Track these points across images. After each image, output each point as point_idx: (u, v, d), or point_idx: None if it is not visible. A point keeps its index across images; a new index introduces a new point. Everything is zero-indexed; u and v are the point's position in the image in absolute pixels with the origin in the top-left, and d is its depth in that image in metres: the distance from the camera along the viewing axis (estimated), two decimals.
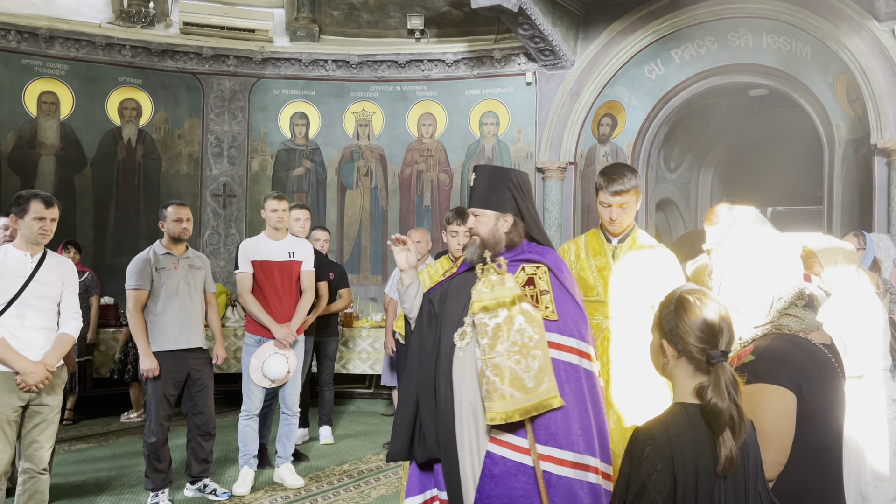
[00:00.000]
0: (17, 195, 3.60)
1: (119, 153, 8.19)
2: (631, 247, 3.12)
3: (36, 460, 3.62)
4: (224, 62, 8.46)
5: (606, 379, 3.03)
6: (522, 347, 2.51)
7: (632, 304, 3.04)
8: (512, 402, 2.47)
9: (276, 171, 8.71)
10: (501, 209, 2.70)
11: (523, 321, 2.54)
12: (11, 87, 7.68)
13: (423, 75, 8.60)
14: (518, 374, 2.50)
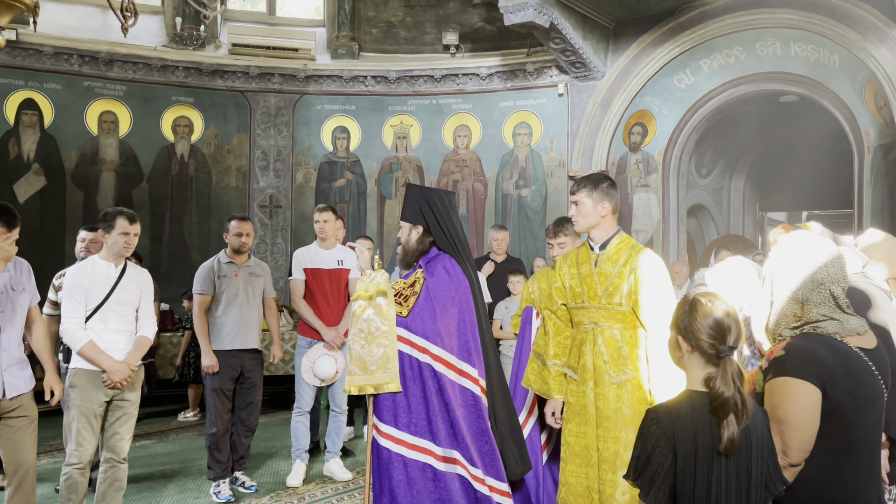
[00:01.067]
0: (105, 212, 3.98)
1: (173, 168, 8.70)
2: (611, 253, 3.15)
3: (117, 450, 3.99)
4: (269, 80, 8.91)
5: (583, 380, 3.09)
6: (368, 335, 3.04)
7: (612, 309, 3.08)
8: (354, 377, 3.05)
9: (319, 183, 9.13)
10: (413, 221, 3.28)
11: (373, 313, 3.06)
12: (75, 108, 8.23)
13: (458, 89, 8.94)
14: (362, 357, 3.04)
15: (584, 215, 3.16)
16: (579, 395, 3.14)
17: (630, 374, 3.02)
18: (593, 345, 3.10)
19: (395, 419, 3.07)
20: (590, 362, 3.09)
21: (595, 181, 3.15)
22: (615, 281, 3.07)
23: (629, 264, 3.07)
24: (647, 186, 8.25)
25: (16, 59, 7.88)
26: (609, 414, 3.03)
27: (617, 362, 3.04)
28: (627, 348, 3.05)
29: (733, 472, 1.87)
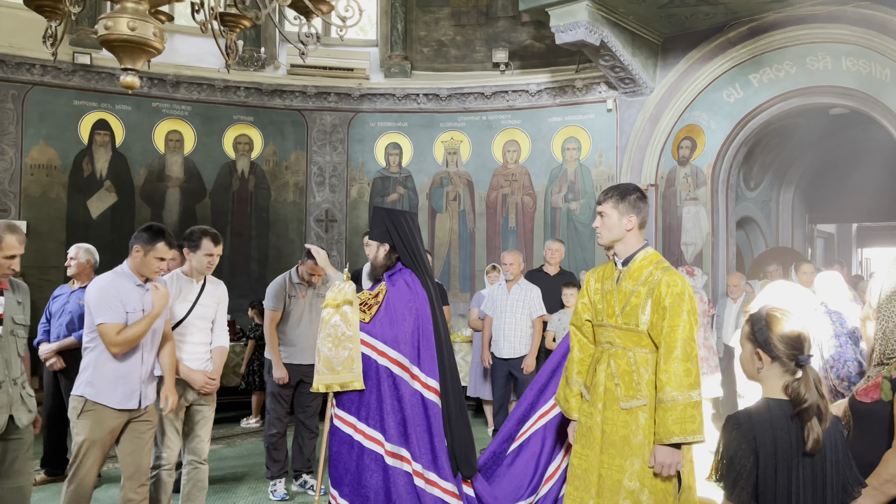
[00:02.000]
0: (190, 231, 4.21)
1: (234, 184, 9.08)
2: (633, 270, 2.99)
3: (198, 452, 4.26)
4: (325, 99, 9.25)
5: (593, 401, 3.00)
6: (335, 339, 3.44)
7: (628, 330, 2.94)
8: (322, 376, 3.45)
9: (372, 198, 9.42)
10: (381, 240, 3.68)
11: (339, 319, 3.46)
12: (143, 128, 8.67)
13: (507, 105, 9.15)
14: (329, 358, 3.44)
15: (609, 228, 3.00)
16: (587, 415, 3.03)
17: (642, 400, 2.85)
18: (607, 366, 2.96)
19: (358, 412, 3.50)
20: (601, 383, 2.96)
21: (623, 192, 3.00)
22: (633, 300, 2.91)
23: (648, 284, 2.88)
24: (696, 200, 8.33)
25: (90, 83, 8.35)
26: (615, 440, 2.89)
27: (629, 386, 2.88)
28: (642, 373, 2.88)
29: (809, 473, 2.02)
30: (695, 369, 2.77)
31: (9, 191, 7.97)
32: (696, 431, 2.74)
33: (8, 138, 7.99)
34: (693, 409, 2.74)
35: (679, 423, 2.73)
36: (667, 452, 2.78)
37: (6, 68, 7.92)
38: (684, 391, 2.75)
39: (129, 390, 3.58)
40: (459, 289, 9.31)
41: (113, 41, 2.51)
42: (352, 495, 3.45)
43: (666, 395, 2.77)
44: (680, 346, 2.77)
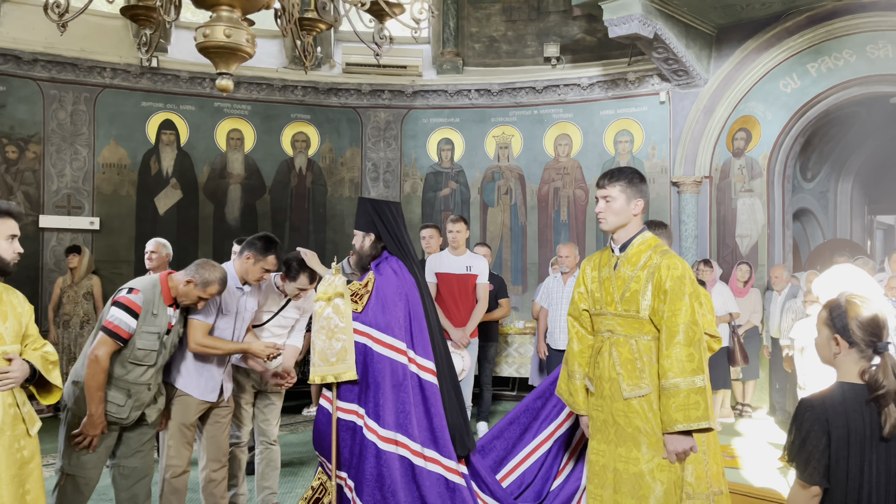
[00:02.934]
0: (289, 261, 4.14)
1: (292, 180, 9.36)
2: (630, 255, 2.89)
3: (268, 434, 4.49)
4: (380, 96, 9.46)
5: (600, 394, 2.92)
6: (329, 331, 3.48)
7: (629, 317, 2.84)
8: (317, 368, 3.50)
9: (425, 193, 9.59)
10: (366, 230, 3.70)
11: (331, 312, 3.49)
12: (206, 127, 9.01)
13: (559, 99, 9.21)
14: (323, 350, 3.49)
15: (616, 212, 2.88)
16: (599, 409, 2.93)
17: (645, 389, 2.77)
18: (608, 355, 2.87)
19: (358, 399, 3.58)
20: (605, 374, 2.88)
21: (630, 175, 2.90)
22: (632, 286, 2.81)
23: (648, 268, 2.80)
24: (752, 191, 8.27)
25: (156, 84, 8.72)
26: (630, 432, 2.80)
27: (631, 375, 2.80)
28: (645, 361, 2.79)
29: (883, 457, 2.07)
30: (698, 354, 2.68)
31: (83, 189, 8.39)
32: (701, 418, 2.66)
33: (81, 139, 8.40)
34: (697, 395, 2.65)
35: (682, 409, 2.65)
36: (676, 440, 2.71)
37: (78, 72, 8.33)
38: (687, 377, 2.67)
39: (212, 384, 3.81)
40: (511, 282, 9.41)
41: (210, 48, 2.70)
42: (355, 478, 3.55)
43: (668, 382, 2.69)
44: (682, 330, 2.69)
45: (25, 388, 2.79)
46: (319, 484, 3.66)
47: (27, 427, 2.73)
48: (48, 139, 8.23)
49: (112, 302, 3.38)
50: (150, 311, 3.38)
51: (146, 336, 3.37)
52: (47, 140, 8.23)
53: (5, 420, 2.63)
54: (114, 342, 3.28)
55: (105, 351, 3.26)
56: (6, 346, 2.68)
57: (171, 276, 3.51)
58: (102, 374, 3.25)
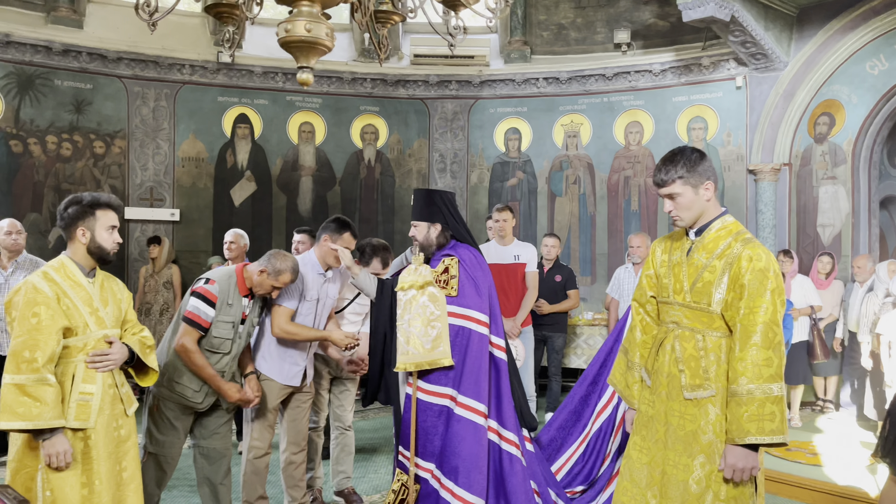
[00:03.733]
0: (363, 247, 4.31)
1: (361, 172, 9.51)
2: (707, 241, 2.60)
3: (343, 419, 4.60)
4: (447, 87, 9.49)
5: (655, 388, 2.71)
6: (424, 319, 3.49)
7: (698, 309, 2.59)
8: (410, 357, 3.48)
9: (492, 183, 9.58)
10: (431, 220, 3.70)
11: (427, 300, 3.50)
12: (279, 121, 9.24)
13: (630, 86, 9.03)
14: (419, 338, 3.48)
15: (687, 208, 2.58)
16: (650, 404, 2.71)
17: (709, 390, 2.51)
18: (671, 349, 2.62)
19: (452, 382, 3.50)
20: (664, 369, 2.64)
21: (688, 162, 2.57)
22: (705, 275, 2.54)
23: (726, 257, 2.51)
24: (835, 178, 7.92)
25: (232, 80, 8.99)
26: (682, 436, 2.56)
27: (694, 374, 2.54)
28: (711, 359, 2.53)
29: None
30: (777, 359, 2.40)
31: (164, 182, 8.75)
32: (776, 431, 2.36)
33: (162, 134, 8.75)
34: (773, 405, 2.37)
35: (756, 420, 2.37)
36: (739, 454, 2.41)
37: (159, 69, 8.67)
38: (762, 383, 2.38)
39: (295, 370, 3.93)
40: (580, 273, 9.32)
41: (291, 42, 2.77)
42: (451, 464, 3.47)
43: (740, 388, 2.40)
44: (760, 330, 2.40)
45: (124, 370, 2.95)
46: (401, 485, 3.59)
47: (125, 407, 2.89)
48: (132, 134, 8.61)
49: (191, 292, 3.54)
50: (226, 301, 3.52)
51: (222, 325, 3.51)
52: (131, 135, 8.61)
53: (105, 399, 2.78)
54: (195, 331, 3.44)
55: (189, 339, 3.43)
56: (107, 330, 2.83)
57: (246, 267, 3.66)
58: (198, 356, 3.43)
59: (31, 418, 2.55)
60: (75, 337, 2.73)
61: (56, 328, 2.65)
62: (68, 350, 2.71)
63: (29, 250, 8.01)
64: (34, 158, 8.09)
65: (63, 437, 2.64)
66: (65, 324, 2.68)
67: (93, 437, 2.74)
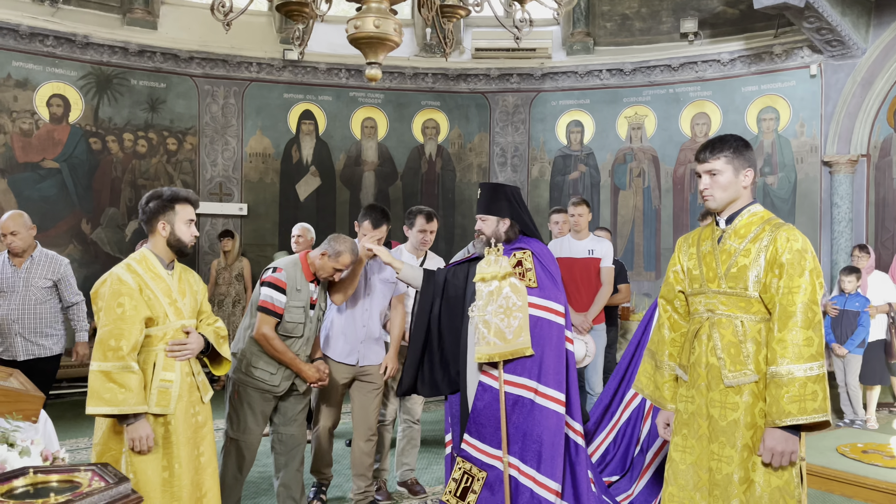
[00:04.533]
0: (409, 210, 4.60)
1: (422, 166, 9.57)
2: (739, 227, 2.58)
3: (412, 412, 4.65)
4: (508, 80, 9.45)
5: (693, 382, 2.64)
6: (506, 310, 3.46)
7: (734, 294, 2.54)
8: (494, 347, 3.45)
9: (553, 177, 9.50)
10: (500, 214, 3.67)
11: (509, 291, 3.48)
12: (342, 116, 9.39)
13: (696, 76, 8.80)
14: (501, 329, 3.46)
15: (724, 187, 2.56)
16: (688, 400, 2.63)
17: (750, 376, 2.46)
18: (708, 338, 2.56)
19: (531, 373, 3.50)
20: (703, 360, 2.57)
21: (735, 144, 2.58)
22: (739, 259, 2.52)
23: (760, 240, 2.50)
24: None
25: (297, 77, 9.18)
26: (724, 426, 2.49)
27: (735, 360, 2.49)
28: (751, 345, 2.48)
29: None
30: (817, 338, 2.37)
31: (232, 177, 9.01)
32: (819, 410, 2.32)
33: (231, 130, 9.01)
34: (815, 384, 2.33)
35: (798, 400, 2.32)
36: (779, 437, 2.37)
37: (228, 67, 8.92)
38: (803, 363, 2.35)
39: (349, 347, 4.07)
40: (644, 267, 9.16)
41: (360, 38, 2.81)
42: (534, 454, 3.51)
43: (781, 368, 2.36)
44: (800, 310, 2.37)
45: (199, 359, 3.06)
46: (462, 473, 3.62)
47: (201, 394, 3.00)
48: (202, 131, 8.90)
49: (261, 283, 3.67)
50: (295, 287, 3.66)
51: (293, 310, 3.64)
52: (202, 132, 8.89)
53: (183, 387, 2.90)
54: (271, 318, 3.58)
55: (268, 327, 3.56)
56: (184, 321, 2.95)
57: (308, 254, 3.79)
58: (277, 342, 3.59)
59: (117, 404, 2.68)
60: (156, 327, 2.85)
61: (139, 318, 2.77)
62: (149, 339, 2.83)
63: (106, 244, 8.41)
64: (112, 155, 8.45)
65: (145, 422, 2.76)
66: (147, 314, 2.80)
67: (172, 422, 2.86)
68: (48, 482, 1.17)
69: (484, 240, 3.68)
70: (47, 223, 8.01)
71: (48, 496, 1.07)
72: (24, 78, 7.91)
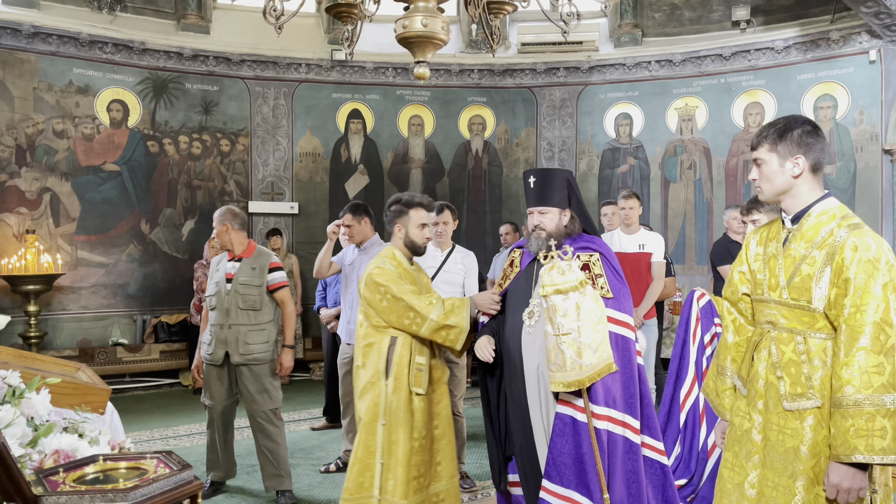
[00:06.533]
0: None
1: (469, 163, 9.59)
2: (806, 228, 2.26)
3: (454, 406, 4.69)
4: (555, 74, 9.39)
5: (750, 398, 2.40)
6: (591, 324, 2.89)
7: (796, 307, 2.26)
8: (581, 371, 2.85)
9: (602, 170, 9.40)
10: (562, 205, 3.14)
11: (591, 302, 2.91)
12: (389, 115, 9.47)
13: (749, 65, 8.59)
14: (587, 347, 2.87)
15: (768, 178, 2.29)
16: (743, 416, 2.38)
17: (814, 400, 2.19)
18: (767, 353, 2.30)
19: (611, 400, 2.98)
20: (761, 376, 2.32)
21: (783, 128, 2.26)
22: (803, 268, 2.21)
23: (827, 247, 2.17)
24: None
25: (345, 76, 9.30)
26: (781, 453, 2.23)
27: (796, 381, 2.22)
28: (816, 365, 2.20)
29: None
30: (890, 365, 2.05)
31: (283, 177, 9.20)
32: (888, 450, 2.03)
33: (281, 131, 9.20)
34: (885, 419, 2.04)
35: (865, 436, 2.04)
36: (845, 473, 2.09)
37: (278, 69, 9.10)
38: (872, 393, 2.05)
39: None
40: (696, 261, 9.00)
41: (409, 38, 2.85)
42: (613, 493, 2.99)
43: (846, 398, 2.08)
44: (869, 332, 2.07)
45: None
46: None
47: (438, 374, 3.42)
48: (254, 132, 9.10)
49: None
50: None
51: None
52: (253, 133, 9.10)
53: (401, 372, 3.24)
54: None
55: None
56: None
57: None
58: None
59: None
60: None
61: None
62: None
63: (164, 243, 8.69)
64: (168, 157, 8.72)
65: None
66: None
67: (416, 401, 3.24)
68: (116, 469, 1.23)
69: (544, 237, 3.10)
70: (109, 224, 8.33)
71: (117, 482, 1.13)
72: (86, 84, 8.22)
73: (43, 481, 1.12)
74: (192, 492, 1.17)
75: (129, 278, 8.45)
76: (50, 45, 7.94)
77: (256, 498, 4.50)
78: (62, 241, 8.04)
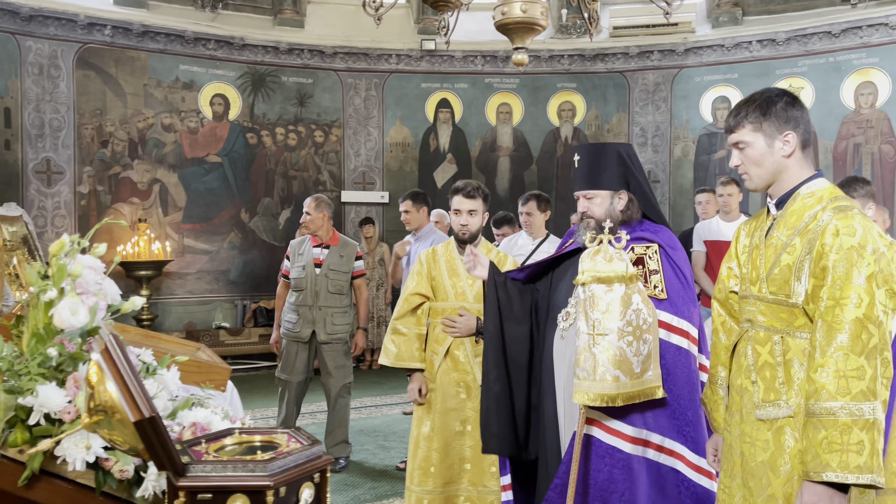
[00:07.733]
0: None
1: (558, 150, 9.48)
2: (789, 213, 1.96)
3: None
4: (648, 58, 9.12)
5: (731, 406, 2.10)
6: (636, 329, 2.30)
7: (774, 301, 1.96)
8: (616, 384, 2.27)
9: (697, 156, 9.09)
10: (614, 187, 2.55)
11: (640, 301, 2.33)
12: (477, 103, 9.48)
13: (861, 42, 8.07)
14: (627, 357, 2.28)
15: (756, 162, 1.96)
16: (728, 428, 2.10)
17: (786, 408, 1.91)
18: (744, 355, 2.02)
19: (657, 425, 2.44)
20: (736, 381, 2.05)
21: (763, 104, 1.94)
22: (784, 258, 1.92)
23: (809, 232, 1.87)
24: None
25: (434, 66, 9.36)
26: (754, 467, 1.95)
27: (770, 387, 1.93)
28: (795, 368, 1.90)
29: None
30: (871, 369, 1.76)
31: (374, 166, 9.37)
32: (864, 468, 1.72)
33: (372, 121, 9.37)
34: (863, 432, 1.74)
35: (839, 450, 1.75)
36: (821, 493, 1.77)
37: (370, 60, 9.27)
38: (849, 401, 1.76)
39: None
40: None
41: (508, 24, 2.85)
42: None
43: (819, 405, 1.78)
44: (849, 329, 1.77)
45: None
46: None
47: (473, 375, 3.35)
48: (346, 123, 9.32)
49: None
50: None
51: None
52: (346, 124, 9.32)
53: (447, 363, 3.17)
54: None
55: None
56: (467, 304, 3.21)
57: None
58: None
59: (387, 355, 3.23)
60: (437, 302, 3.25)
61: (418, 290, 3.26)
62: (434, 311, 3.25)
63: (262, 231, 9.04)
64: (266, 149, 9.05)
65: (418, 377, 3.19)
66: (424, 290, 3.25)
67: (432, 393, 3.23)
68: (252, 441, 1.31)
69: (593, 225, 2.56)
70: (212, 213, 8.74)
71: (255, 453, 1.20)
72: (190, 80, 8.64)
73: (188, 451, 1.20)
74: (322, 466, 1.23)
75: (231, 265, 8.85)
76: (158, 42, 8.38)
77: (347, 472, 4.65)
78: (170, 230, 8.51)
